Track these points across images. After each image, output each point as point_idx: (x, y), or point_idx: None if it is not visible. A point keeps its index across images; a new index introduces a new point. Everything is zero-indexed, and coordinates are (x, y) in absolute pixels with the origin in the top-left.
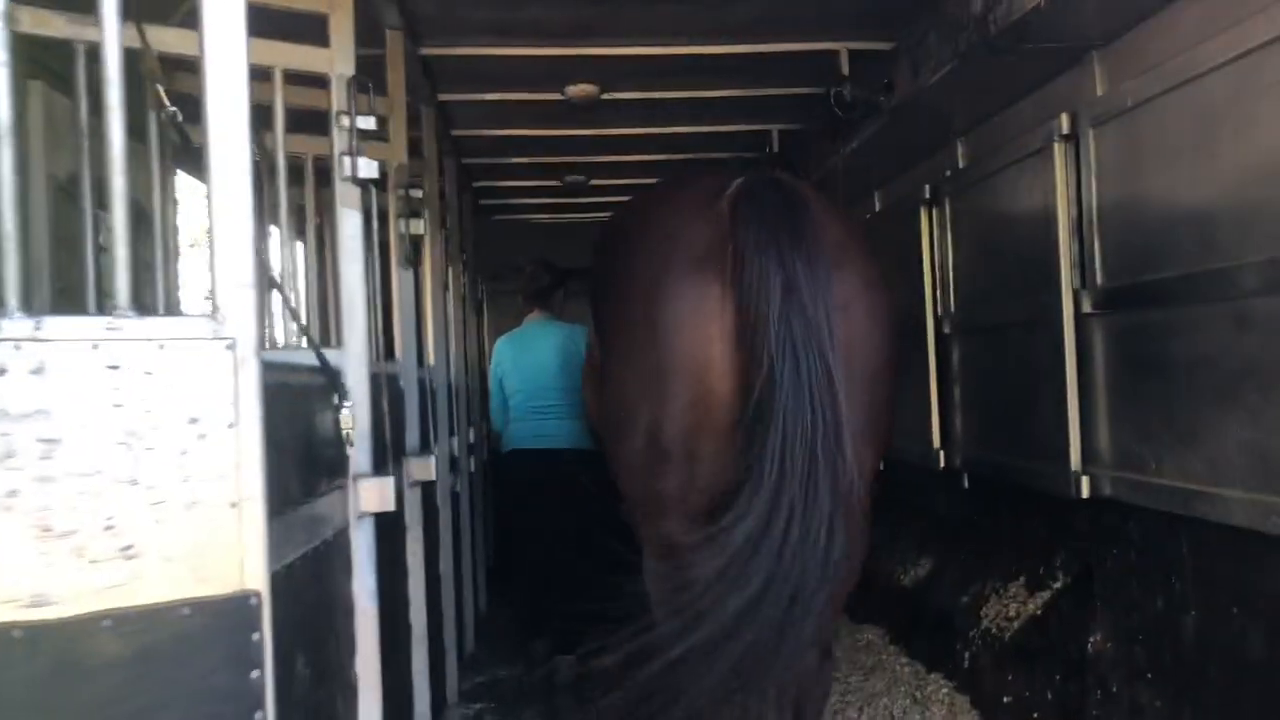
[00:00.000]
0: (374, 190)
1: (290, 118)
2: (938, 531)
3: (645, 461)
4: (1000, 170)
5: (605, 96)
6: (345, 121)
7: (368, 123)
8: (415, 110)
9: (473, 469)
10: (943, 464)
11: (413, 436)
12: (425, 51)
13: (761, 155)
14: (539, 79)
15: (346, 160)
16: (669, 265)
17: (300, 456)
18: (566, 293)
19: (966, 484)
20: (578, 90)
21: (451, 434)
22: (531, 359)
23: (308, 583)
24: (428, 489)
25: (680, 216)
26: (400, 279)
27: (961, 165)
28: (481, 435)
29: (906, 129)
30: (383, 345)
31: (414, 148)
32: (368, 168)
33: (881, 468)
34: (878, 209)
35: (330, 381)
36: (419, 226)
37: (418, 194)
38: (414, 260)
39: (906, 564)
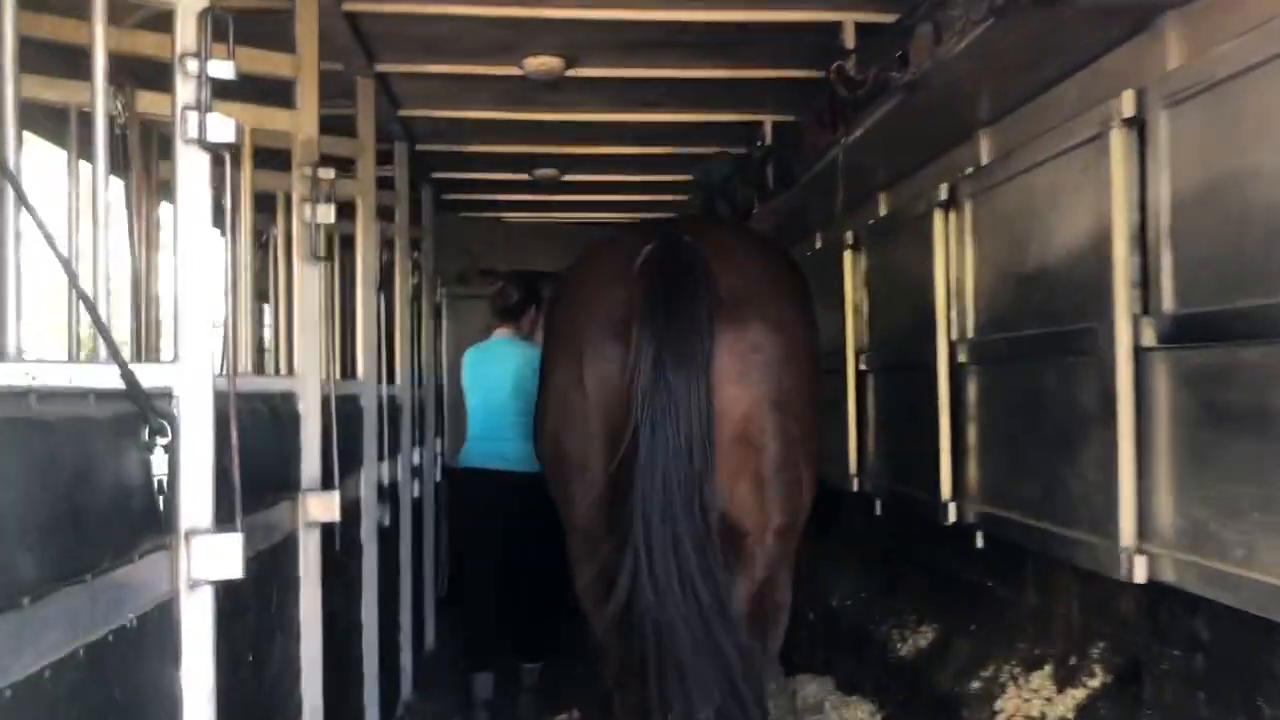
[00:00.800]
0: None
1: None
2: (944, 594)
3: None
4: (1038, 165)
5: (570, 73)
6: (192, 66)
7: (224, 70)
8: (348, 80)
9: (417, 494)
10: (953, 517)
11: (311, 468)
12: (350, 7)
13: (754, 150)
14: (492, 49)
15: (192, 117)
16: (581, 331)
17: (53, 520)
18: (539, 308)
19: (980, 543)
20: (538, 64)
21: (384, 458)
22: (490, 376)
23: (86, 686)
24: (345, 526)
25: (599, 285)
26: (304, 276)
27: (987, 160)
28: (435, 455)
29: (920, 115)
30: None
31: (347, 126)
32: (221, 129)
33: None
34: (882, 214)
35: (141, 410)
36: (329, 215)
37: (328, 174)
38: (327, 256)
39: (905, 629)
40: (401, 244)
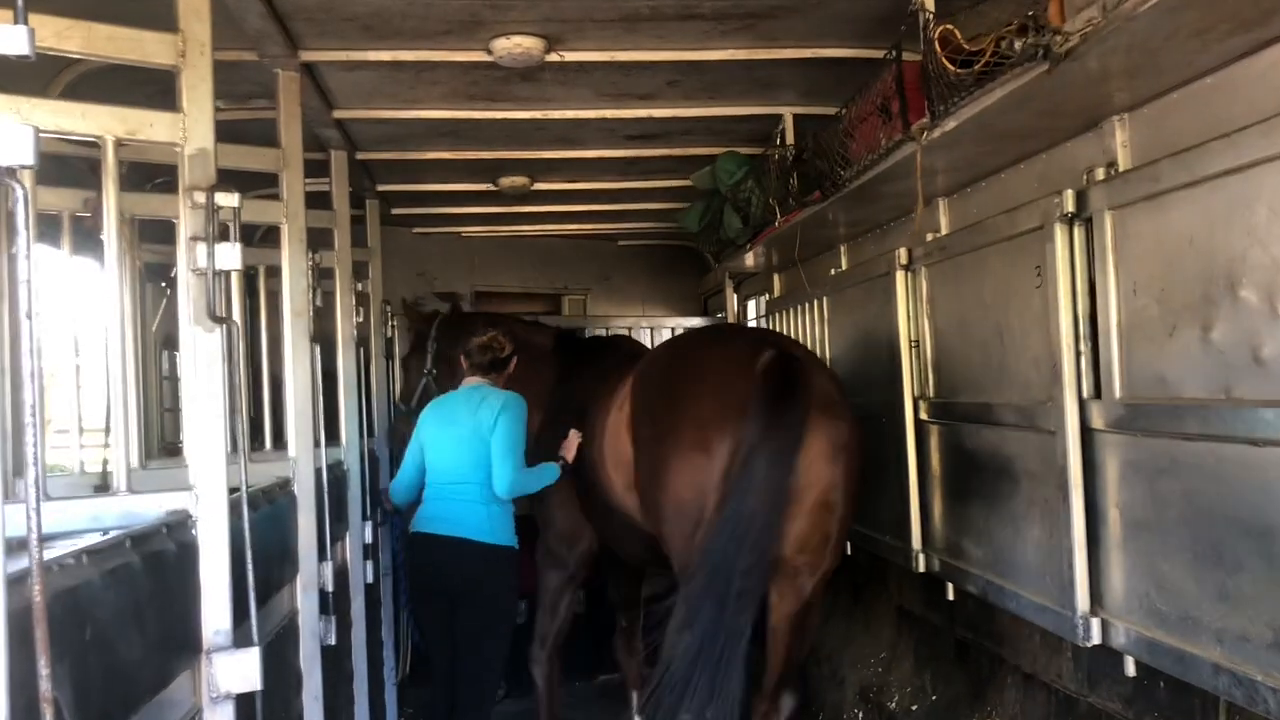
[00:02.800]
0: None
1: None
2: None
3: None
4: (1218, 174)
5: (551, 57)
6: None
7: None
8: (264, 74)
9: (371, 578)
10: (1096, 637)
11: (216, 616)
12: None
13: (774, 149)
14: (452, 28)
15: None
16: (712, 414)
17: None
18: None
19: (1132, 670)
20: (511, 45)
21: (326, 554)
22: (458, 432)
23: None
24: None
25: (724, 378)
26: (197, 347)
27: (1125, 160)
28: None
29: (1055, 96)
30: None
31: (261, 133)
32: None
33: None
34: (947, 229)
35: None
36: (233, 258)
37: (229, 199)
38: (222, 315)
39: None
40: (343, 274)
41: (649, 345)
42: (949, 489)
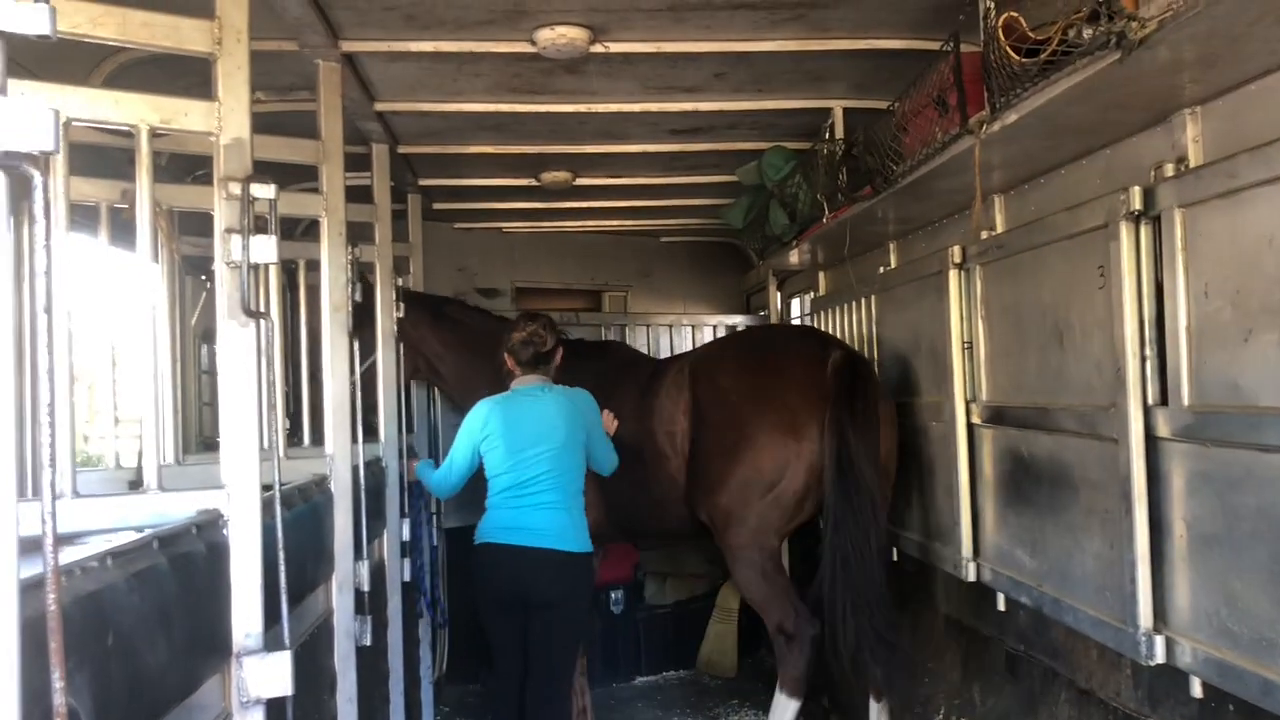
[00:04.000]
0: None
1: None
2: None
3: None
4: None
5: (596, 48)
6: None
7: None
8: (305, 64)
9: (408, 575)
10: (1160, 655)
11: (247, 619)
12: None
13: (822, 143)
14: (496, 18)
15: None
16: (799, 406)
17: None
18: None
19: (1199, 692)
20: (556, 36)
21: (362, 553)
22: (530, 430)
23: None
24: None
25: (805, 373)
26: (231, 343)
27: (1196, 157)
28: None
29: (1124, 87)
30: None
31: (304, 125)
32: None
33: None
34: (1003, 227)
35: None
36: (269, 250)
37: (265, 192)
38: (258, 310)
39: None
40: (383, 269)
41: (684, 345)
42: (1001, 496)
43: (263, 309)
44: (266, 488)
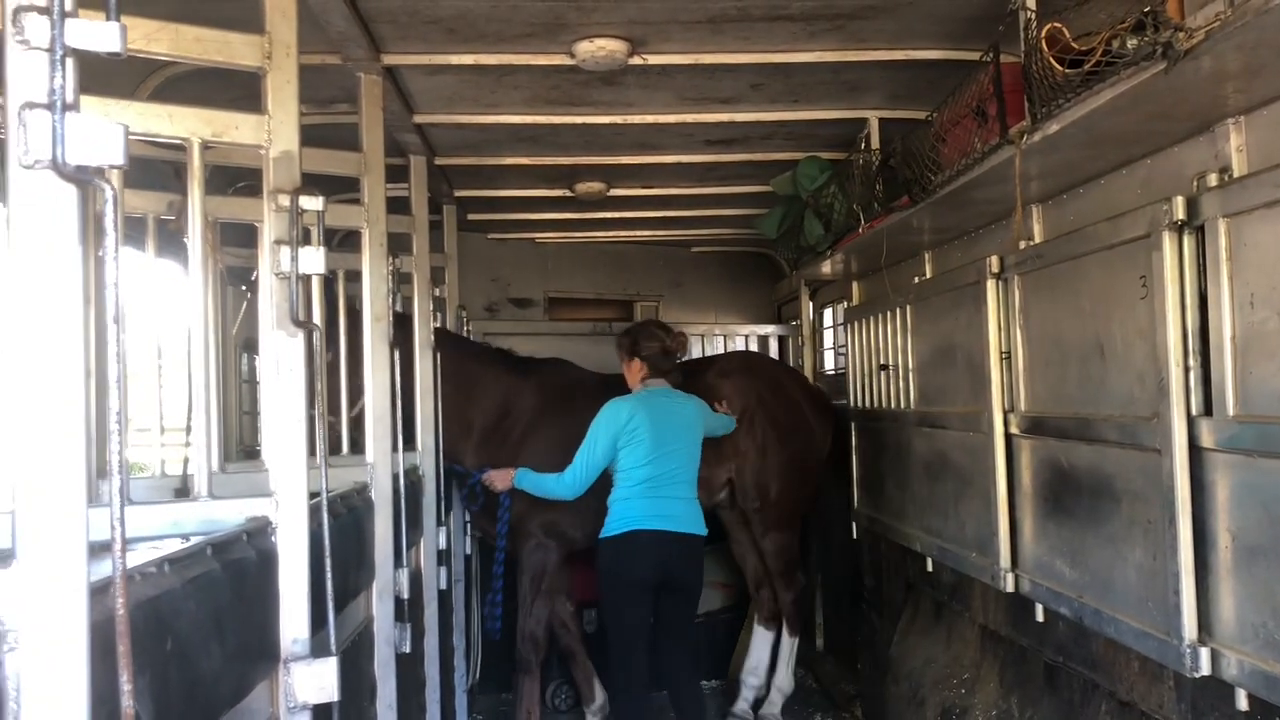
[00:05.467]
0: None
1: None
2: None
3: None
4: None
5: (634, 60)
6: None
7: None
8: (347, 77)
9: (445, 584)
10: (1205, 667)
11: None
12: None
13: (857, 154)
14: (536, 30)
15: None
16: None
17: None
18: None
19: (1244, 704)
20: (595, 48)
21: (402, 560)
22: (672, 427)
23: None
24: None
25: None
26: (280, 351)
27: (1240, 167)
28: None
29: (1168, 98)
30: None
31: (348, 137)
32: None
33: None
34: (1040, 237)
35: None
36: (317, 262)
37: (314, 204)
38: (304, 320)
39: None
40: (421, 279)
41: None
42: (1040, 507)
43: (307, 318)
44: (313, 494)
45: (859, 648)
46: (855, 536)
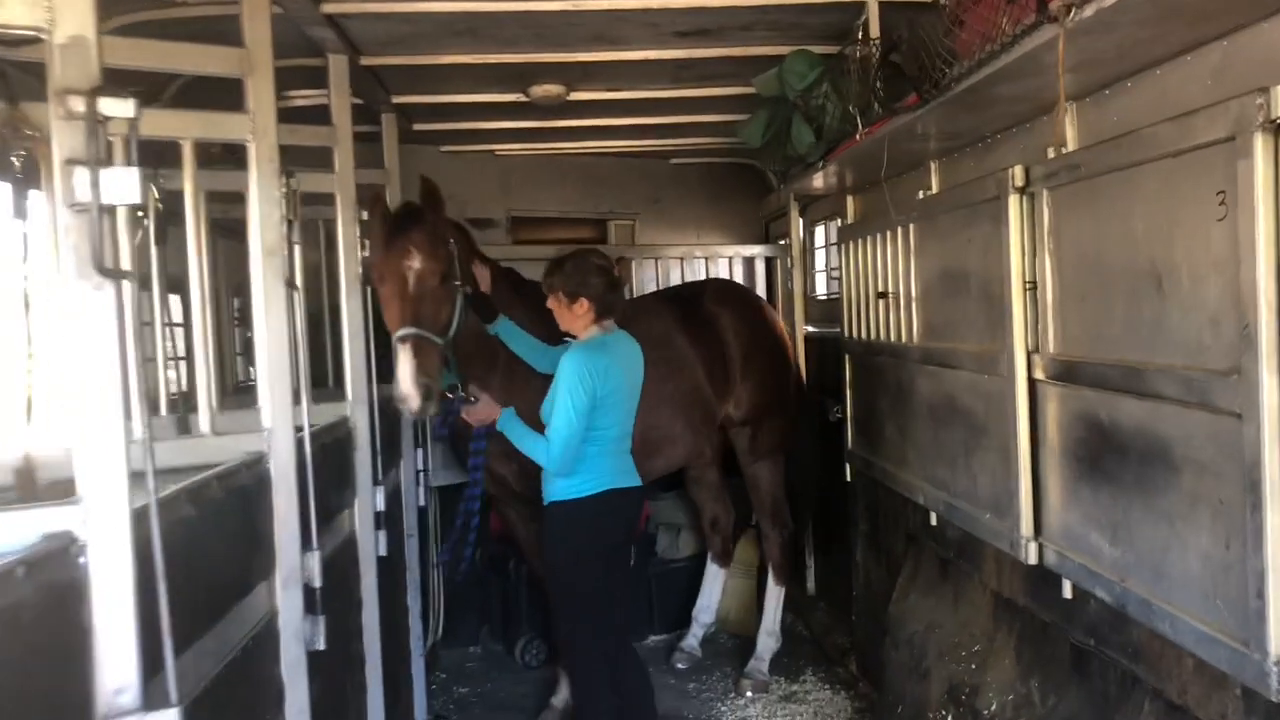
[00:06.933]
0: None
1: None
2: None
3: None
4: None
5: None
6: None
7: None
8: None
9: (385, 550)
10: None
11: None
12: None
13: (852, 45)
14: None
15: None
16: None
17: None
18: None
19: None
20: None
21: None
22: (634, 379)
23: None
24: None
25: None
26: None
27: None
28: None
29: None
30: None
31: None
32: None
33: None
34: (1073, 145)
35: None
36: (124, 186)
37: (124, 110)
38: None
39: None
40: (345, 200)
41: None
42: (1072, 468)
43: (117, 266)
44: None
45: (853, 597)
46: (849, 479)
